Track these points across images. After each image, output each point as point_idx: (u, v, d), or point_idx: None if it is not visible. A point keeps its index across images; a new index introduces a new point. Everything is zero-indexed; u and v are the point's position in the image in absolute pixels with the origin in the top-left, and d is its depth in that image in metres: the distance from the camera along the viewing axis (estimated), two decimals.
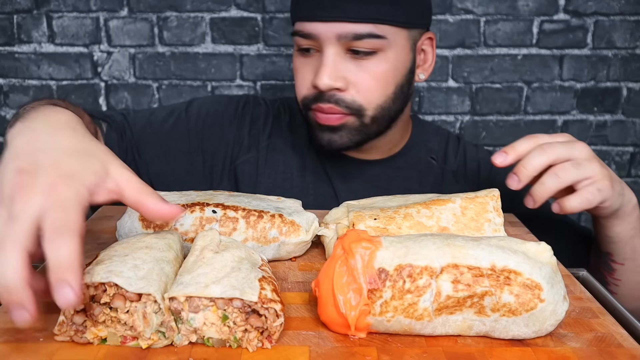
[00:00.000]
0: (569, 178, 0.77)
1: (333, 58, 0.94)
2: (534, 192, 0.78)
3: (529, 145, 0.79)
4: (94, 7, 1.63)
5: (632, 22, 1.64)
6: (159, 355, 0.53)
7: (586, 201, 0.78)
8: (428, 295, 0.55)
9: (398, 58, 0.97)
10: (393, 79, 0.98)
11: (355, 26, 0.92)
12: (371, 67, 0.95)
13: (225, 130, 1.12)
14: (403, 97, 1.02)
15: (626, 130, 1.72)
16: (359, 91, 0.96)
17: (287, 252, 0.74)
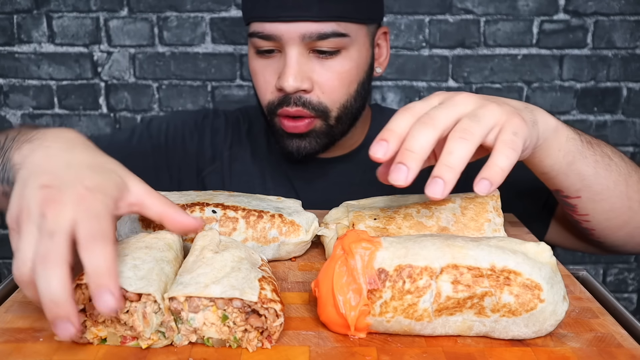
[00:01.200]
0: (477, 135, 0.59)
1: (297, 58, 0.91)
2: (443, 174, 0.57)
3: (407, 120, 0.61)
4: (94, 7, 1.63)
5: (632, 22, 1.64)
6: (159, 356, 0.53)
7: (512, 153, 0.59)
8: (428, 296, 0.55)
9: (360, 55, 0.96)
10: (356, 77, 0.97)
11: (319, 25, 0.90)
12: (335, 66, 0.94)
13: (187, 143, 1.12)
14: (364, 93, 1.01)
15: (626, 130, 1.72)
16: (324, 91, 0.94)
17: (287, 252, 0.74)
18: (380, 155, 0.59)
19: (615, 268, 1.91)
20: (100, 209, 0.52)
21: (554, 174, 0.73)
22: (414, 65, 1.69)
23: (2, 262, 1.85)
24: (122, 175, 0.58)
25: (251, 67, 0.99)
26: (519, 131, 0.61)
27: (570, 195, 0.77)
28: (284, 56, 0.92)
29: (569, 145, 0.71)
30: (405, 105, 0.63)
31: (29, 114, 1.71)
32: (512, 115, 0.61)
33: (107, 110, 1.71)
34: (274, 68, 0.95)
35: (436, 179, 0.57)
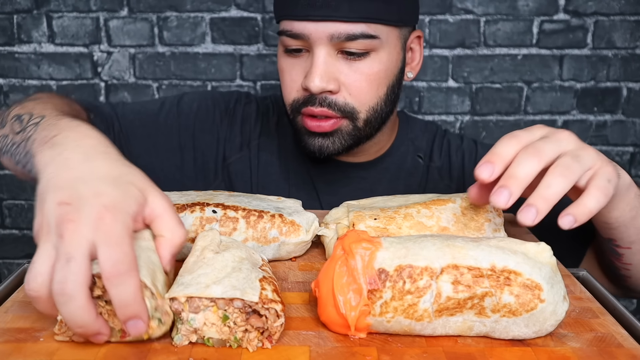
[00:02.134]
0: (575, 175, 0.63)
1: (324, 59, 0.90)
2: (537, 204, 0.60)
3: (513, 147, 0.66)
4: (94, 7, 1.63)
5: (632, 22, 1.64)
6: (159, 356, 0.53)
7: (602, 198, 0.63)
8: (428, 296, 0.55)
9: (390, 58, 0.95)
10: (385, 80, 0.95)
11: (348, 26, 0.88)
12: (364, 68, 0.92)
13: (216, 128, 1.10)
14: (394, 97, 1.00)
15: (626, 130, 1.72)
16: (352, 93, 0.93)
17: (287, 252, 0.74)
18: (486, 176, 0.63)
19: None
20: (120, 231, 0.51)
21: (616, 225, 0.77)
22: None
23: (2, 262, 1.85)
24: (142, 188, 0.57)
25: (279, 65, 0.98)
26: (612, 179, 0.65)
27: (622, 245, 0.81)
28: (312, 56, 0.91)
29: (636, 202, 0.75)
30: (510, 133, 0.68)
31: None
32: (607, 163, 0.66)
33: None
34: (301, 67, 0.93)
35: (530, 207, 0.60)
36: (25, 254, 1.83)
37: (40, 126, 0.70)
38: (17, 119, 0.78)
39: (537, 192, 0.62)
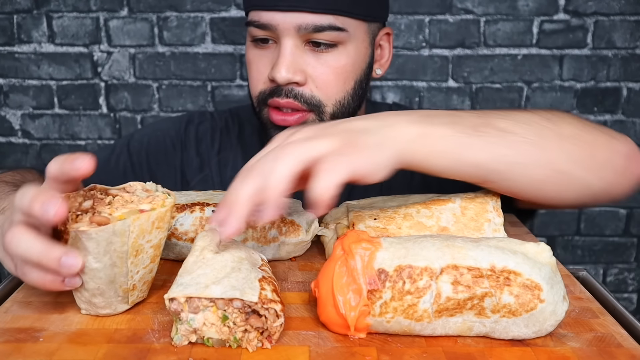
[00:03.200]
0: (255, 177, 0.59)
1: (291, 50, 0.90)
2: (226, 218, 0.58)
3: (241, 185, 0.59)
4: (94, 7, 1.63)
5: (632, 22, 1.64)
6: (159, 355, 0.53)
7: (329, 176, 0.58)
8: (428, 297, 0.55)
9: (358, 52, 0.94)
10: (352, 74, 0.95)
11: (316, 17, 0.88)
12: (331, 61, 0.92)
13: (170, 156, 1.08)
14: (362, 93, 0.99)
15: (626, 130, 1.72)
16: (318, 86, 0.92)
17: (287, 252, 0.74)
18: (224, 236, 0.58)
19: (615, 268, 1.91)
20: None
21: (447, 175, 0.70)
22: (414, 65, 1.69)
23: None
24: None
25: (247, 57, 0.98)
26: (341, 165, 0.59)
27: (480, 184, 0.73)
28: (279, 47, 0.91)
29: (445, 144, 0.67)
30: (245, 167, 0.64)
31: (29, 114, 1.71)
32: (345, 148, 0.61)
33: (107, 110, 1.71)
34: (268, 59, 0.93)
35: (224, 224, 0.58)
36: None
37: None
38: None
39: (223, 202, 0.59)
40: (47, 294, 0.63)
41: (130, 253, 0.57)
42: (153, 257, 0.60)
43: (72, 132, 1.72)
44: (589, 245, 1.81)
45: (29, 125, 1.72)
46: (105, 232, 0.54)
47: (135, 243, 0.57)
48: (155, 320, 0.59)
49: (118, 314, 0.60)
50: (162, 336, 0.56)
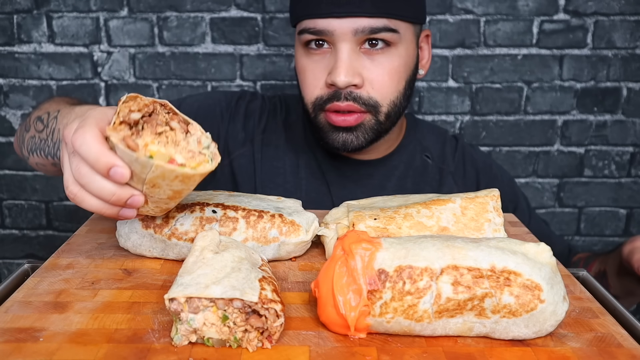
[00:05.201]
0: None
1: (349, 54, 0.93)
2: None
3: None
4: (94, 7, 1.63)
5: (632, 22, 1.64)
6: (159, 355, 0.53)
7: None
8: (428, 297, 0.55)
9: (408, 53, 0.98)
10: (404, 74, 0.98)
11: (371, 20, 0.92)
12: (385, 62, 0.95)
13: (216, 125, 1.11)
14: (410, 92, 1.03)
15: (626, 130, 1.72)
16: (374, 87, 0.95)
17: (287, 252, 0.74)
18: None
19: None
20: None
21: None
22: None
23: (2, 262, 1.85)
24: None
25: (299, 65, 1.00)
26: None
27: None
28: (335, 52, 0.94)
29: None
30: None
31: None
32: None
33: None
34: (324, 64, 0.96)
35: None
36: (25, 254, 1.82)
37: (58, 118, 0.85)
38: (38, 120, 0.92)
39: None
40: (47, 294, 0.63)
41: (147, 182, 0.60)
42: (171, 197, 0.62)
43: None
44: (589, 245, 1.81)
45: None
46: (127, 155, 0.57)
47: (153, 179, 0.59)
48: (155, 320, 0.59)
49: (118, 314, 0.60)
50: (162, 336, 0.56)
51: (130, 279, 0.68)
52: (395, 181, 1.09)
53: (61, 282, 0.66)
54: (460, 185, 1.12)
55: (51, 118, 0.89)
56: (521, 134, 1.71)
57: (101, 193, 0.61)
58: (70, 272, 0.69)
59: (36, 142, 0.93)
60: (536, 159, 1.74)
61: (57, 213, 1.79)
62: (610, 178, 1.76)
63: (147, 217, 0.71)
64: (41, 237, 1.81)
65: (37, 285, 0.65)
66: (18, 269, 0.71)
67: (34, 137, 0.94)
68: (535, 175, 1.75)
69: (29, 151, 0.96)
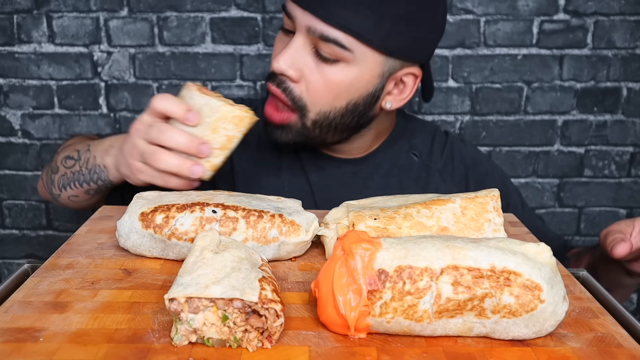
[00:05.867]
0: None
1: (297, 46, 0.92)
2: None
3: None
4: (94, 7, 1.63)
5: (632, 22, 1.64)
6: (159, 355, 0.53)
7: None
8: (428, 297, 0.55)
9: (360, 77, 0.93)
10: (345, 94, 0.94)
11: (325, 27, 0.89)
12: (327, 73, 0.92)
13: None
14: (357, 116, 0.98)
15: (626, 130, 1.72)
16: (309, 89, 0.94)
17: (287, 252, 0.74)
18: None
19: None
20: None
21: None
22: None
23: (2, 262, 1.85)
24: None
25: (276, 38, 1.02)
26: None
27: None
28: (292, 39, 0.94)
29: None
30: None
31: (29, 114, 1.71)
32: None
33: (107, 110, 1.71)
34: (284, 46, 0.96)
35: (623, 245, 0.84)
36: (25, 254, 1.82)
37: (91, 151, 1.00)
38: (67, 159, 1.04)
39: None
40: (47, 294, 0.63)
41: (211, 126, 0.82)
42: (222, 146, 0.84)
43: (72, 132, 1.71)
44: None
45: (29, 125, 1.72)
46: (201, 99, 0.82)
47: (216, 121, 0.82)
48: (155, 320, 0.59)
49: None
50: (162, 336, 0.56)
51: (130, 279, 0.68)
52: (378, 179, 1.08)
53: (61, 282, 0.66)
54: (448, 183, 1.11)
55: (82, 152, 1.02)
56: (521, 134, 1.71)
57: (178, 139, 0.81)
58: (70, 272, 0.69)
59: (68, 177, 1.04)
60: (536, 159, 1.74)
61: (57, 213, 1.79)
62: (610, 178, 1.76)
63: (147, 217, 0.71)
64: (41, 237, 1.81)
65: (37, 285, 0.65)
66: (18, 269, 0.71)
67: (65, 174, 1.04)
68: (535, 175, 1.75)
69: (60, 188, 1.06)
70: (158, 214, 0.72)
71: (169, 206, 0.72)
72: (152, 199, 0.76)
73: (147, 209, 0.73)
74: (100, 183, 1.00)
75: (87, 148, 1.01)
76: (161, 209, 0.72)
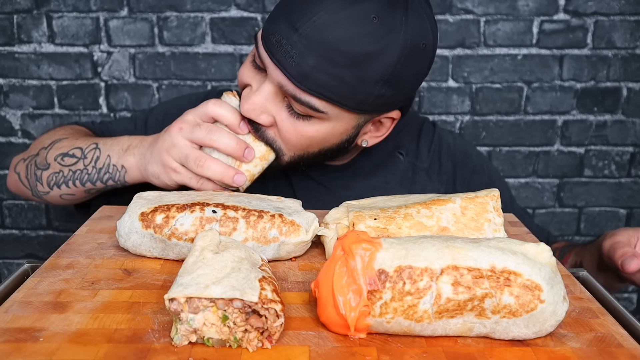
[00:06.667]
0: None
1: (268, 95, 0.86)
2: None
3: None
4: (94, 7, 1.63)
5: (632, 22, 1.64)
6: (159, 355, 0.53)
7: None
8: (428, 297, 0.55)
9: (333, 130, 0.89)
10: (319, 144, 0.91)
11: (297, 90, 0.83)
12: (300, 127, 0.87)
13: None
14: (332, 155, 0.96)
15: (626, 130, 1.72)
16: (281, 136, 0.89)
17: (287, 252, 0.74)
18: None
19: None
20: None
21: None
22: None
23: (2, 262, 1.85)
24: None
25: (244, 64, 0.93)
26: None
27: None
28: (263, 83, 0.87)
29: None
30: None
31: (29, 114, 1.71)
32: None
33: (107, 110, 1.71)
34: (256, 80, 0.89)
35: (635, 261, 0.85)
36: (25, 254, 1.83)
37: (102, 149, 0.97)
38: (65, 156, 0.99)
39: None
40: (47, 294, 0.63)
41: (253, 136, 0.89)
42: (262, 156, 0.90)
43: None
44: None
45: (29, 125, 1.72)
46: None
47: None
48: (155, 320, 0.59)
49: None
50: (162, 336, 0.56)
51: (130, 279, 0.68)
52: (360, 181, 1.06)
53: (61, 282, 0.66)
54: (435, 181, 1.10)
55: (87, 150, 0.98)
56: (521, 134, 1.71)
57: (226, 141, 0.84)
58: (70, 272, 0.69)
59: (66, 175, 0.99)
60: (536, 159, 1.74)
61: (57, 213, 1.79)
62: (610, 178, 1.76)
63: (147, 217, 0.71)
64: (41, 237, 1.81)
65: (37, 285, 0.65)
66: (18, 269, 0.71)
67: (59, 172, 1.00)
68: (535, 175, 1.75)
69: (52, 186, 1.01)
70: (158, 214, 0.72)
71: (169, 206, 0.72)
72: (152, 199, 0.76)
73: (147, 209, 0.73)
74: (111, 183, 0.98)
75: (95, 146, 0.98)
76: (161, 209, 0.72)
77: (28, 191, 1.07)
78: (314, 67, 0.80)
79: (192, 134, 0.86)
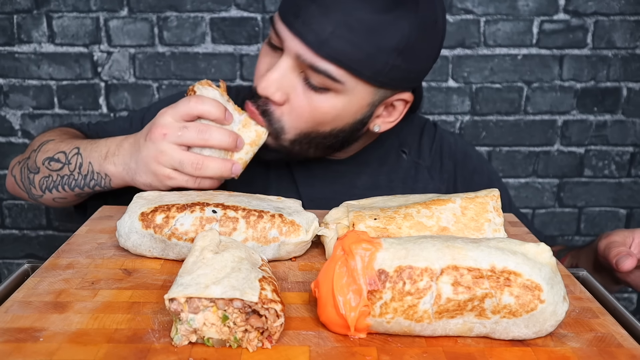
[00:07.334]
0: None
1: (285, 70, 0.88)
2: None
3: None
4: (94, 7, 1.63)
5: (632, 22, 1.64)
6: (159, 355, 0.53)
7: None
8: (428, 298, 0.55)
9: (348, 106, 0.90)
10: (331, 122, 0.92)
11: (315, 58, 0.84)
12: (315, 100, 0.88)
13: None
14: (342, 139, 0.96)
15: (626, 130, 1.72)
16: (292, 113, 0.90)
17: (287, 252, 0.74)
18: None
19: None
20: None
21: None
22: None
23: (2, 262, 1.85)
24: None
25: (261, 49, 0.97)
26: None
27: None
28: (279, 60, 0.89)
29: None
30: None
31: (29, 114, 1.71)
32: None
33: (107, 110, 1.71)
34: (273, 59, 0.91)
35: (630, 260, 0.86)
36: (25, 254, 1.83)
37: (83, 154, 0.94)
38: (51, 160, 0.97)
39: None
40: (47, 294, 0.63)
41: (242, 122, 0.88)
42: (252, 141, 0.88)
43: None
44: None
45: (29, 125, 1.72)
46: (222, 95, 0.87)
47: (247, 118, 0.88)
48: (155, 320, 0.59)
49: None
50: (162, 336, 0.56)
51: (130, 279, 0.68)
52: (365, 178, 1.07)
53: (61, 282, 0.66)
54: (437, 180, 1.10)
55: (71, 155, 0.96)
56: (521, 134, 1.71)
57: (220, 137, 0.82)
58: (70, 272, 0.69)
59: (54, 179, 0.98)
60: (536, 159, 1.74)
61: (57, 213, 1.79)
62: (610, 178, 1.76)
63: (147, 217, 0.71)
64: (41, 237, 1.81)
65: (37, 285, 0.65)
66: (18, 269, 0.71)
67: (49, 176, 0.98)
68: (535, 175, 1.75)
69: (44, 190, 1.00)
70: (158, 214, 0.72)
71: (169, 206, 0.72)
72: (152, 199, 0.76)
73: (147, 209, 0.73)
74: (98, 189, 0.96)
75: (77, 151, 0.96)
76: (161, 209, 0.72)
77: (25, 194, 1.07)
78: (332, 32, 0.83)
79: (180, 138, 0.82)
